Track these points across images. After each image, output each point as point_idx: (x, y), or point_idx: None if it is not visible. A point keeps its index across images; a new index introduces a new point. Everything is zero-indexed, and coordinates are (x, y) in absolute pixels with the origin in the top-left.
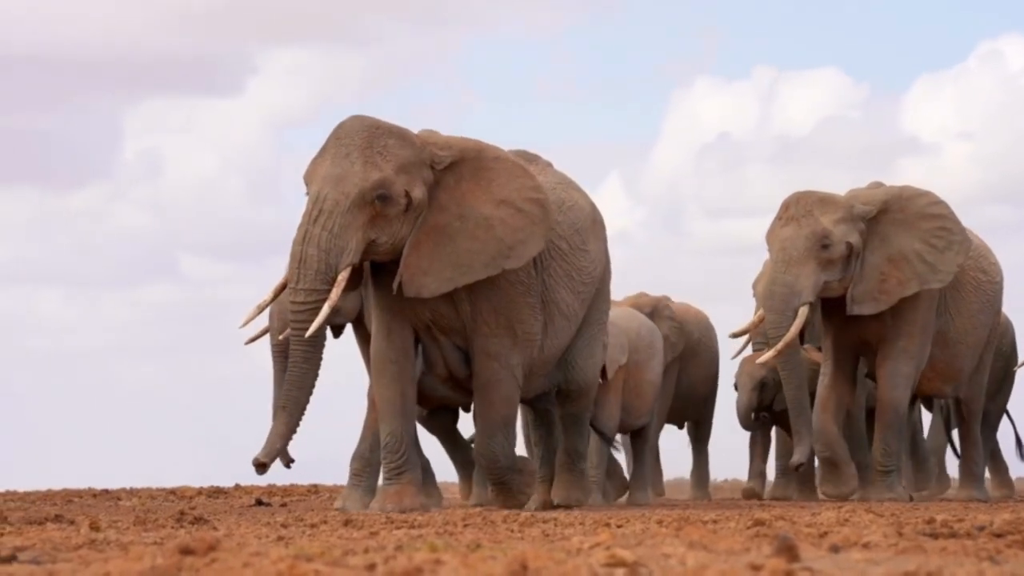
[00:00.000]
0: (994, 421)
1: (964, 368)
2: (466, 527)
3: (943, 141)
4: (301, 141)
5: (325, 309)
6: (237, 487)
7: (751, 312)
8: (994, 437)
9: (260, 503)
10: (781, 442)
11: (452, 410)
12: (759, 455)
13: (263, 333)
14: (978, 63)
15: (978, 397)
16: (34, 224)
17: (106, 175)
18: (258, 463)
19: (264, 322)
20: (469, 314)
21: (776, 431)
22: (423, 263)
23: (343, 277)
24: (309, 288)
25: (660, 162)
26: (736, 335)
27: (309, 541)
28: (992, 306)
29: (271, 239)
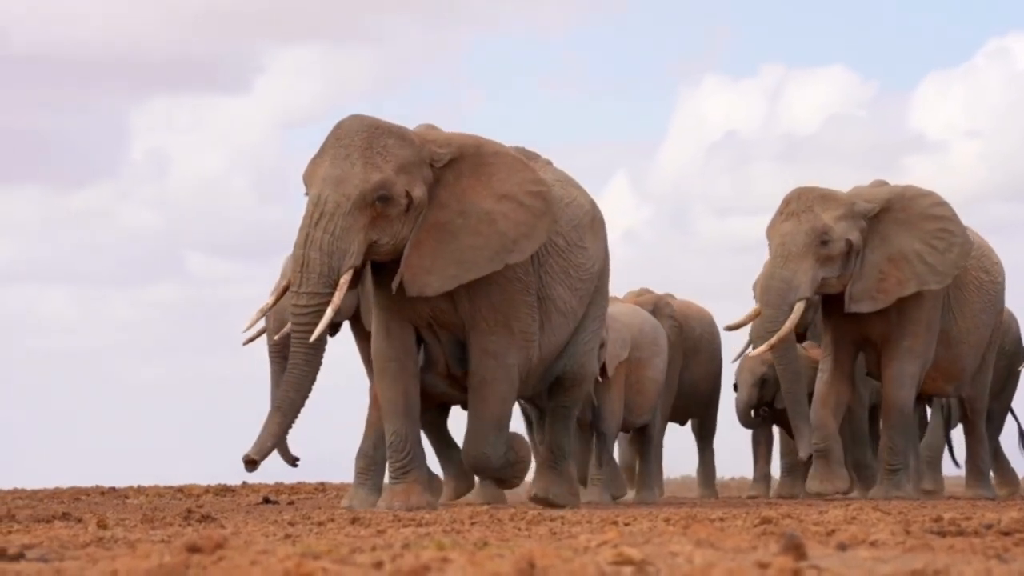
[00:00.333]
0: (998, 420)
1: (966, 368)
2: (473, 525)
3: (951, 139)
4: (308, 140)
5: (328, 313)
6: (244, 485)
7: None
8: (998, 436)
9: (267, 501)
10: (785, 441)
11: (442, 407)
12: (763, 456)
13: (260, 333)
14: (986, 61)
15: (982, 396)
16: (41, 223)
17: (113, 174)
18: (248, 460)
19: (261, 322)
20: (468, 311)
21: (779, 431)
22: (425, 262)
23: (345, 280)
24: (312, 291)
25: (667, 160)
26: (732, 328)
27: (316, 539)
28: (994, 306)
29: (278, 238)
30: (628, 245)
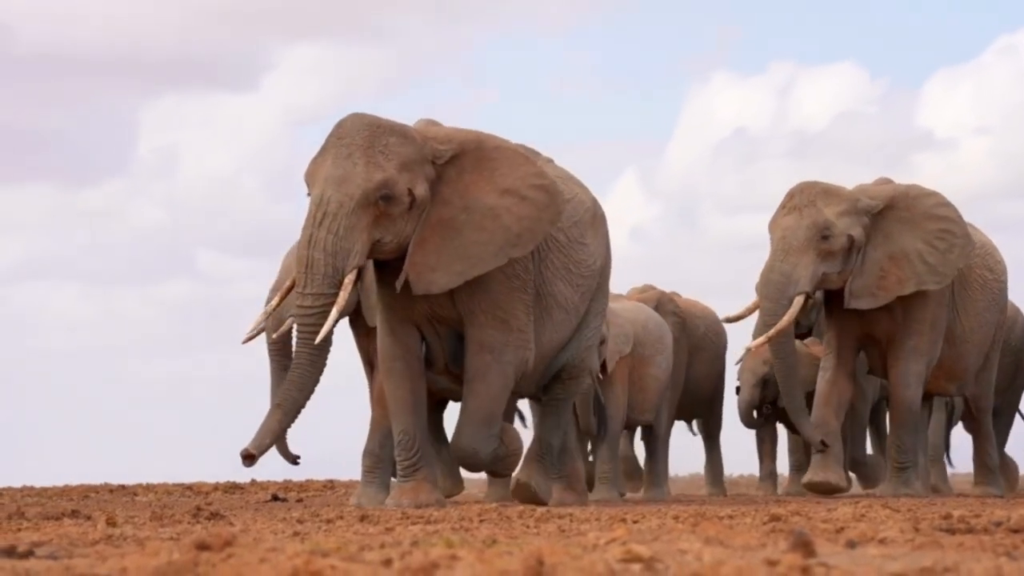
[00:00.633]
0: (1007, 416)
1: (970, 367)
2: (482, 523)
3: (960, 136)
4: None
5: (333, 314)
6: (253, 483)
7: None
8: (1007, 432)
9: (276, 499)
10: (792, 438)
11: (440, 403)
12: (768, 454)
13: (259, 332)
14: (995, 58)
15: (987, 394)
16: (50, 221)
17: (122, 172)
18: (247, 454)
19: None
20: (466, 306)
21: (784, 429)
22: (430, 259)
23: (350, 280)
24: (317, 292)
25: (676, 158)
26: (731, 320)
27: (325, 537)
28: (998, 304)
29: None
30: (636, 243)
